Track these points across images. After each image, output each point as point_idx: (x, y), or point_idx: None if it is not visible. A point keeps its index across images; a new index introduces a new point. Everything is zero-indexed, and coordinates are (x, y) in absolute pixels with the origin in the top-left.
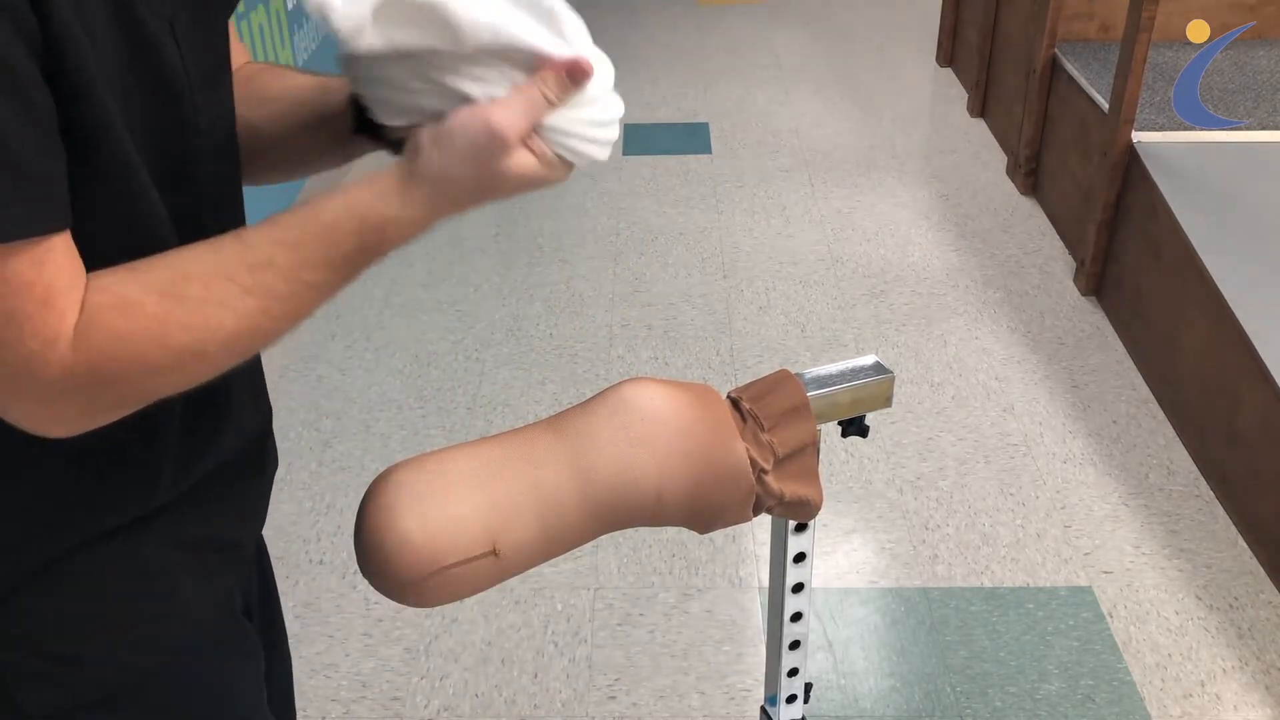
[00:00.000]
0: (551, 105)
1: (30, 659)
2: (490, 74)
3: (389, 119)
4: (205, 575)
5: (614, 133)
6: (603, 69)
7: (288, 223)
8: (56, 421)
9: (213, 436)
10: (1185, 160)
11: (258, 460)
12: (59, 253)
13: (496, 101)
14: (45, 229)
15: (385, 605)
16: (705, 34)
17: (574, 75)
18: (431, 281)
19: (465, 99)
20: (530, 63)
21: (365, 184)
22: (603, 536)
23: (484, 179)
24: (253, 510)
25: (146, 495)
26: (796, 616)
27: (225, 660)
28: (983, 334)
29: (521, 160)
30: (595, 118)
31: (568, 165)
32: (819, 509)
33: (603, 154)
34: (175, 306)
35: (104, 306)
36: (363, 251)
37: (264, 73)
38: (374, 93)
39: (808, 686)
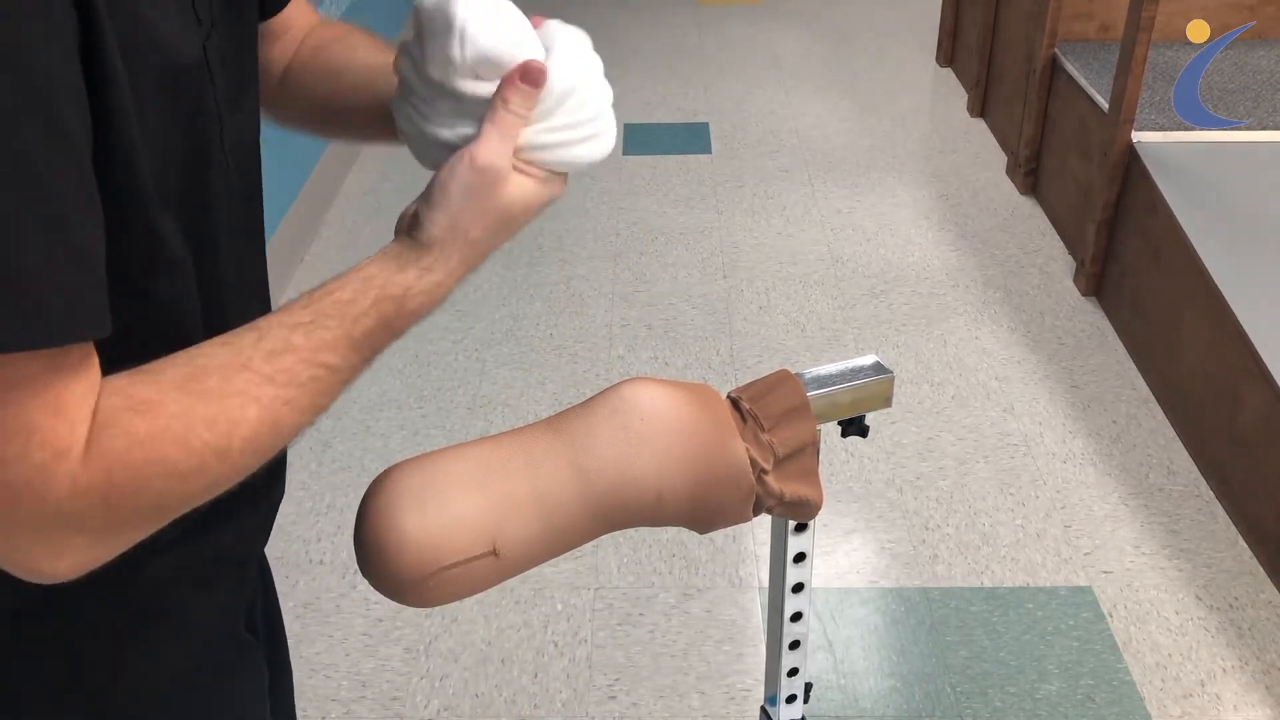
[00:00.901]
0: (523, 119)
1: (36, 688)
2: (455, 113)
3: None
4: (210, 597)
5: (601, 126)
6: (567, 62)
7: (301, 305)
8: (62, 554)
9: None
10: (1185, 160)
11: (267, 481)
12: (77, 356)
13: (475, 140)
14: (81, 335)
15: (385, 605)
16: (705, 34)
17: (529, 79)
18: None
19: (444, 146)
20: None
21: (377, 259)
22: (603, 536)
23: (490, 219)
24: (260, 530)
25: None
26: (796, 616)
27: (230, 678)
28: (983, 334)
29: (520, 186)
30: (573, 119)
31: (562, 177)
32: (819, 509)
33: (594, 152)
34: (196, 402)
35: (119, 409)
36: (383, 326)
37: (335, 44)
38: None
39: (808, 686)
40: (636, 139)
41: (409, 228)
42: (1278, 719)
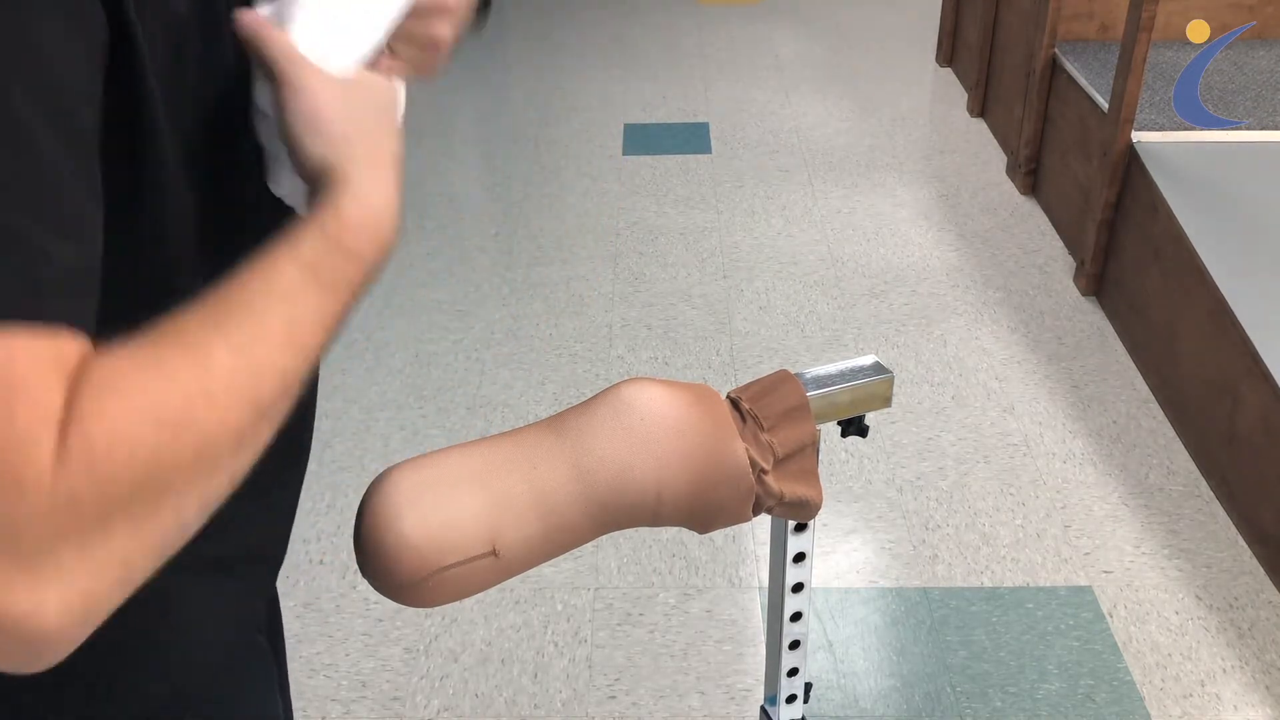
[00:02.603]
0: (276, 31)
1: (58, 692)
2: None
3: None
4: (232, 597)
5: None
6: None
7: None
8: (45, 578)
9: None
10: (1185, 160)
11: (292, 460)
12: (46, 337)
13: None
14: (65, 317)
15: (385, 605)
16: (705, 34)
17: (242, 27)
18: (431, 281)
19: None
20: None
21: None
22: (603, 536)
23: (339, 109)
24: (276, 529)
25: None
26: (796, 616)
27: (246, 676)
28: (983, 334)
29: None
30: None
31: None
32: (819, 509)
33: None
34: (163, 351)
35: (89, 377)
36: (326, 238)
37: None
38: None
39: (808, 686)
40: (636, 139)
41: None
42: (1278, 719)
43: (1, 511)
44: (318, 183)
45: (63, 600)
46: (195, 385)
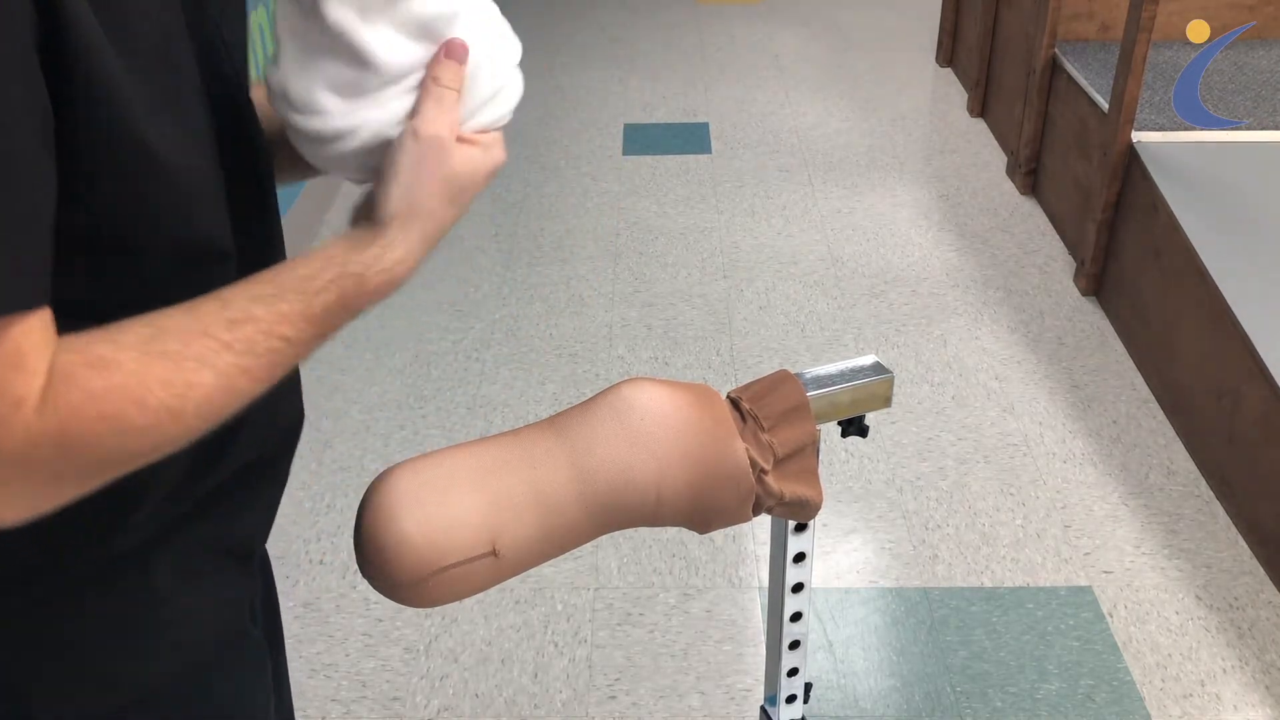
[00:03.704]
0: (456, 93)
1: (49, 676)
2: (388, 96)
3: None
4: (214, 590)
5: (510, 77)
6: (479, 31)
7: (265, 279)
8: (8, 502)
9: (229, 438)
10: (1185, 160)
11: (286, 457)
12: (34, 315)
13: (414, 114)
14: (27, 305)
15: (385, 605)
16: (705, 34)
17: (454, 55)
18: (431, 281)
19: (369, 135)
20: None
21: (341, 239)
22: (602, 536)
23: (441, 190)
24: (262, 523)
25: (128, 511)
26: (796, 616)
27: (236, 669)
28: (983, 334)
29: (465, 155)
30: (496, 83)
31: (499, 139)
32: (819, 509)
33: (510, 103)
34: (154, 362)
35: (77, 364)
36: (341, 303)
37: None
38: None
39: (807, 686)
40: (636, 139)
41: (365, 211)
42: (1278, 719)
43: None
44: (367, 216)
45: (18, 508)
46: (170, 404)
